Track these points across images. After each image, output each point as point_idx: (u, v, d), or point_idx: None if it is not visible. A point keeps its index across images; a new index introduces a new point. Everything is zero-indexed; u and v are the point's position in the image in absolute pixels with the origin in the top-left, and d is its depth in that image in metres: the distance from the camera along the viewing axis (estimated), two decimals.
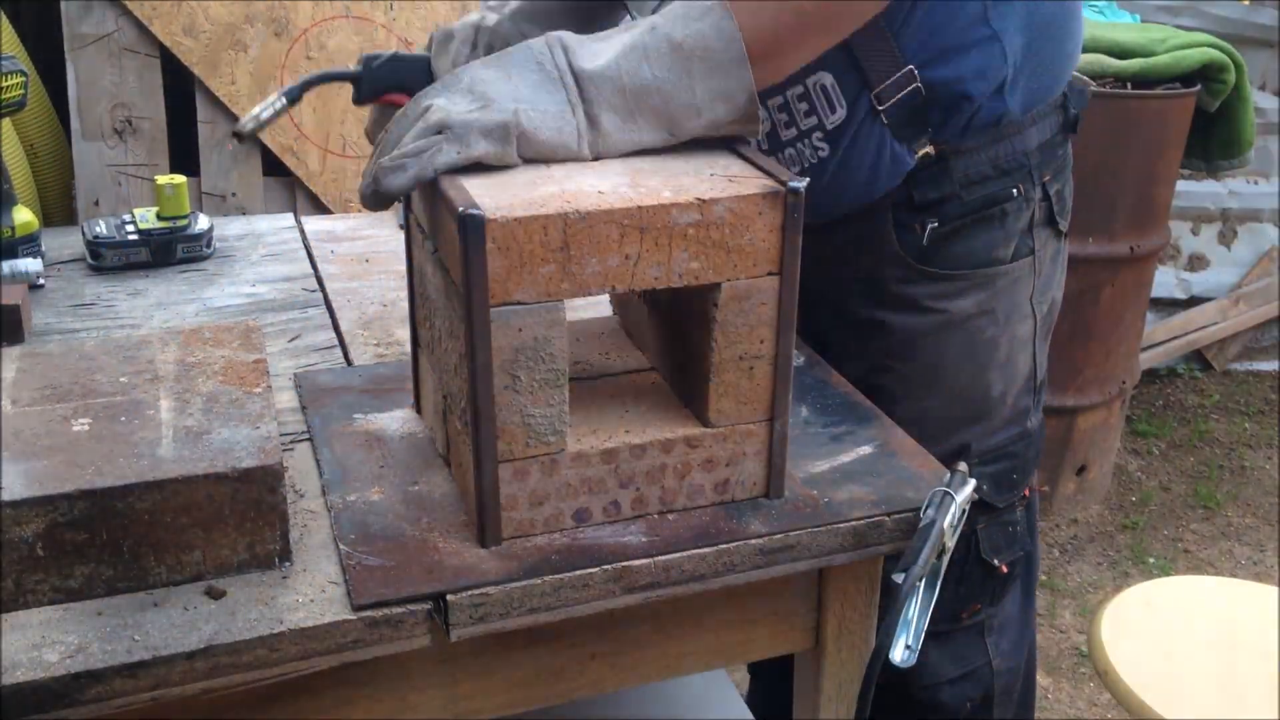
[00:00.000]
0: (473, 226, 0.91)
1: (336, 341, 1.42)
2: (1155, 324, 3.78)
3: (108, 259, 1.58)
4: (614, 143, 1.06)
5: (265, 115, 1.27)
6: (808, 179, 1.00)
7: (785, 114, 1.33)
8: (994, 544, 1.49)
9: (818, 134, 1.32)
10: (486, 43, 1.41)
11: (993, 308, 1.40)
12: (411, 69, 1.36)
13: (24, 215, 1.54)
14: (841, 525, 1.07)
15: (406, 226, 1.15)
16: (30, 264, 1.51)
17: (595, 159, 1.06)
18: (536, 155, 1.04)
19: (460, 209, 0.91)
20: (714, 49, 1.06)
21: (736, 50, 1.06)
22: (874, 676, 1.01)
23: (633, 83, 1.06)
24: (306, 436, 1.18)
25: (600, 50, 1.07)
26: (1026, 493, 1.50)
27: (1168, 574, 2.85)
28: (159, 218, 1.62)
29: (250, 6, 2.30)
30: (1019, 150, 1.35)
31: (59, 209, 2.36)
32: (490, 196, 0.96)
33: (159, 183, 1.61)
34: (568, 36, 1.08)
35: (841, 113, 1.30)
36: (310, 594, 0.95)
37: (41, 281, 1.53)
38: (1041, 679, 2.57)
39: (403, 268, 1.18)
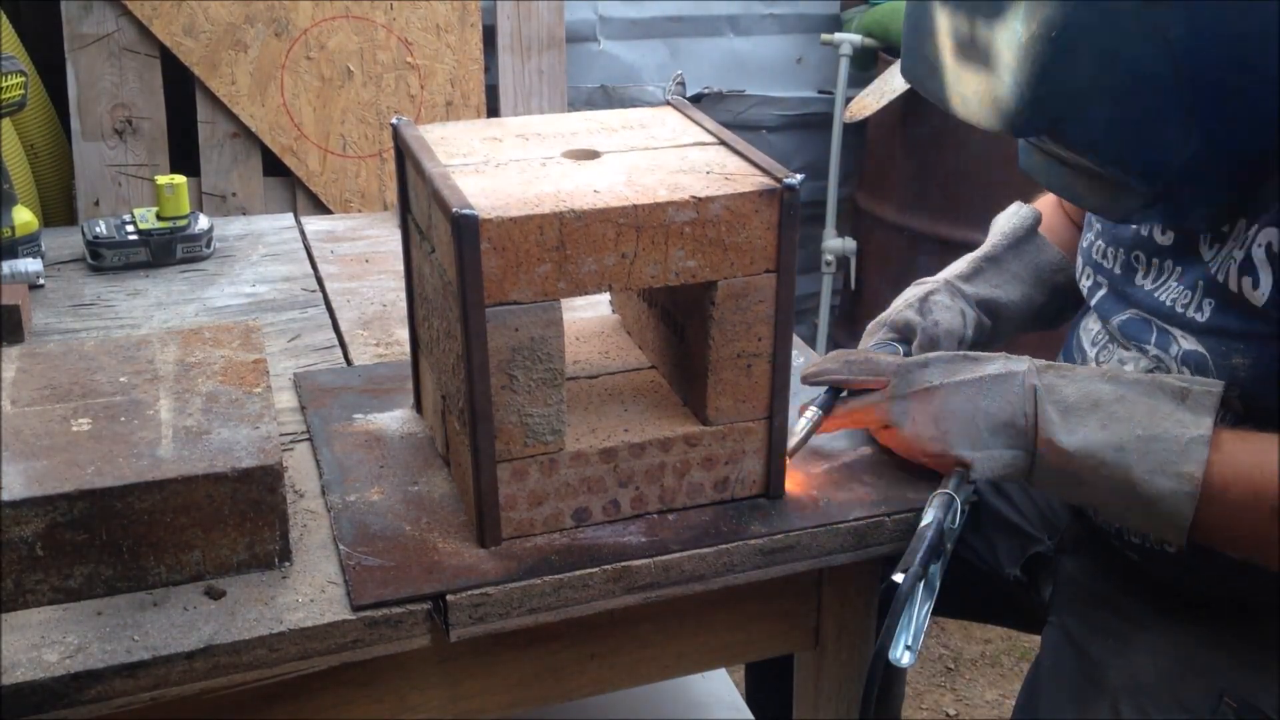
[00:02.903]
0: (467, 227, 0.90)
1: (336, 341, 1.42)
2: None
3: (108, 259, 1.58)
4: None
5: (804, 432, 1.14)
6: (803, 175, 1.00)
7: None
8: None
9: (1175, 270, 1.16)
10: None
11: None
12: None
13: (24, 215, 1.55)
14: (841, 525, 1.06)
15: (404, 227, 1.15)
16: (30, 264, 1.51)
17: None
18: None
19: (454, 209, 0.90)
20: (1178, 498, 1.02)
21: (1188, 510, 1.02)
22: (876, 676, 1.00)
23: (1085, 471, 1.06)
24: (306, 436, 1.18)
25: (1077, 424, 1.05)
26: None
27: None
28: (159, 218, 1.62)
29: (250, 6, 2.29)
30: None
31: (59, 209, 2.35)
32: (485, 196, 0.95)
33: (159, 183, 1.61)
34: (1046, 381, 1.07)
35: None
36: (310, 594, 0.95)
37: (41, 281, 1.53)
38: None
39: (402, 267, 1.18)
